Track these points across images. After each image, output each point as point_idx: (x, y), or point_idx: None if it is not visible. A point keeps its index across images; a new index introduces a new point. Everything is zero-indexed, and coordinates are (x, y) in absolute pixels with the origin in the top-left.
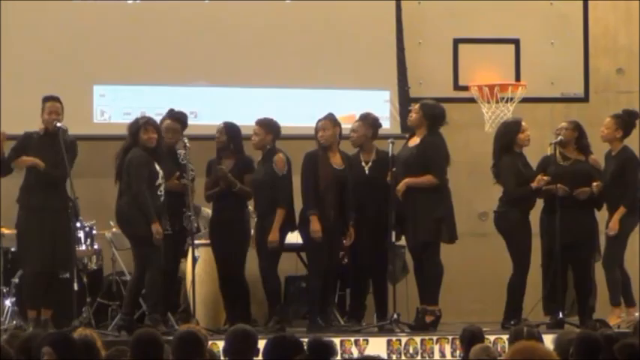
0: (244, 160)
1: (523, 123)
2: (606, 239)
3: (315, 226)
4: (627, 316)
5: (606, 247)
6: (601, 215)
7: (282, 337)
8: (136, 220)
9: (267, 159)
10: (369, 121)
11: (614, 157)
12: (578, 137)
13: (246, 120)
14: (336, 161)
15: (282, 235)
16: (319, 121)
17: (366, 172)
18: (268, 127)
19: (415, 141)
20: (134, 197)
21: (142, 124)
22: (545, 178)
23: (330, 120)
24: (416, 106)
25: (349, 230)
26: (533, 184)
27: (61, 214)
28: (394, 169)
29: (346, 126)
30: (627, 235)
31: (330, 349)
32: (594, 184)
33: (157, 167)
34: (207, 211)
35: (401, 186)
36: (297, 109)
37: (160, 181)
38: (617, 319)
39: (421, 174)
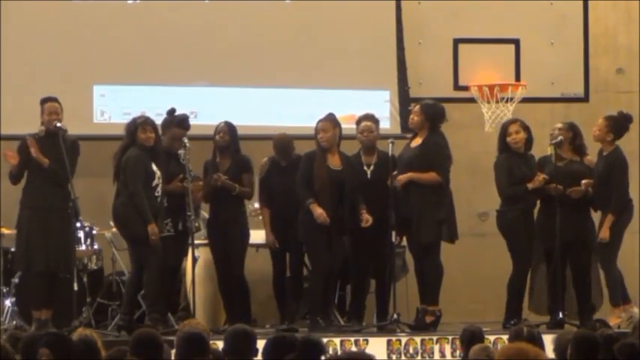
0: (242, 160)
1: (513, 125)
2: (603, 242)
3: (318, 210)
4: (626, 313)
5: (603, 248)
6: (597, 216)
7: (282, 337)
8: (132, 220)
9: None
10: (377, 123)
11: (605, 157)
12: (572, 138)
13: (246, 120)
14: (334, 162)
15: None
16: (320, 121)
17: (368, 176)
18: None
19: (417, 141)
20: (130, 197)
21: (139, 124)
22: (541, 178)
23: (331, 121)
24: (416, 108)
25: (362, 216)
26: (530, 184)
27: (65, 214)
28: (395, 172)
29: (346, 126)
30: (621, 234)
31: (320, 347)
32: (584, 181)
33: (154, 167)
34: (205, 214)
35: (403, 177)
36: (297, 109)
37: (156, 181)
38: (617, 319)
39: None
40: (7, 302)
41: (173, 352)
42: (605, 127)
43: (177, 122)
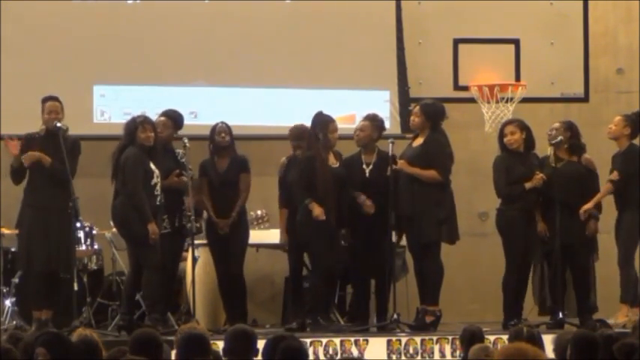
0: (240, 160)
1: (509, 126)
2: (620, 239)
3: (317, 209)
4: (632, 316)
5: (620, 246)
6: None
7: (282, 337)
8: (131, 220)
9: None
10: (377, 123)
11: (621, 154)
12: (569, 137)
13: (245, 120)
14: (332, 160)
15: None
16: (331, 122)
17: (367, 174)
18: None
19: (419, 141)
20: (130, 197)
21: (139, 123)
22: (539, 177)
23: (336, 121)
24: (416, 109)
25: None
26: (528, 184)
27: (66, 214)
28: (394, 166)
29: (346, 126)
30: (638, 233)
31: (302, 353)
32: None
33: (153, 166)
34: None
35: (405, 165)
36: (297, 109)
37: (155, 180)
38: (624, 317)
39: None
40: (7, 302)
41: (173, 352)
42: (623, 122)
43: (164, 112)
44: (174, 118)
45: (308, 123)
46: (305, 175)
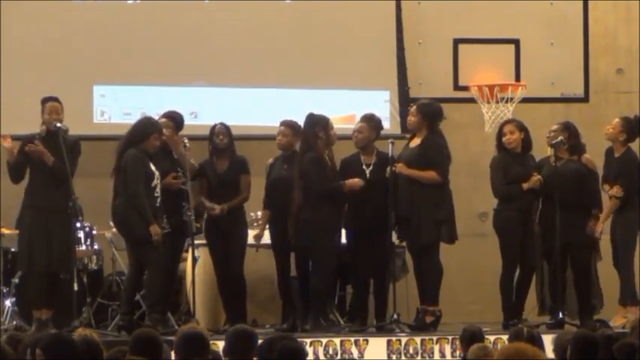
0: (239, 161)
1: (507, 125)
2: (618, 241)
3: (350, 180)
4: (631, 315)
5: (618, 248)
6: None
7: (281, 337)
8: (132, 221)
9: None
10: (374, 124)
11: (617, 159)
12: (568, 137)
13: (245, 120)
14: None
15: None
16: (328, 120)
17: (367, 175)
18: (296, 128)
19: (416, 142)
20: (131, 199)
21: (158, 130)
22: (536, 179)
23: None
24: (413, 109)
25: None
26: (525, 185)
27: (66, 214)
28: (394, 169)
29: (346, 126)
30: (636, 233)
31: (300, 354)
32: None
33: (153, 168)
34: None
35: (403, 168)
36: (297, 110)
37: (155, 182)
38: (622, 320)
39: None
40: (7, 302)
41: (173, 352)
42: (620, 127)
43: (164, 113)
44: (175, 120)
45: None
46: (320, 177)
